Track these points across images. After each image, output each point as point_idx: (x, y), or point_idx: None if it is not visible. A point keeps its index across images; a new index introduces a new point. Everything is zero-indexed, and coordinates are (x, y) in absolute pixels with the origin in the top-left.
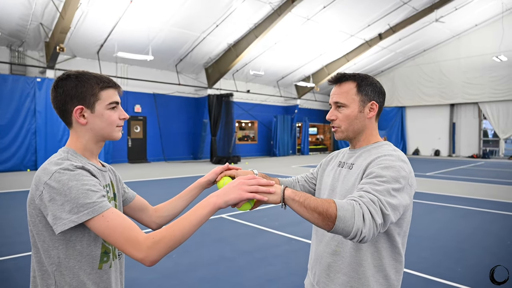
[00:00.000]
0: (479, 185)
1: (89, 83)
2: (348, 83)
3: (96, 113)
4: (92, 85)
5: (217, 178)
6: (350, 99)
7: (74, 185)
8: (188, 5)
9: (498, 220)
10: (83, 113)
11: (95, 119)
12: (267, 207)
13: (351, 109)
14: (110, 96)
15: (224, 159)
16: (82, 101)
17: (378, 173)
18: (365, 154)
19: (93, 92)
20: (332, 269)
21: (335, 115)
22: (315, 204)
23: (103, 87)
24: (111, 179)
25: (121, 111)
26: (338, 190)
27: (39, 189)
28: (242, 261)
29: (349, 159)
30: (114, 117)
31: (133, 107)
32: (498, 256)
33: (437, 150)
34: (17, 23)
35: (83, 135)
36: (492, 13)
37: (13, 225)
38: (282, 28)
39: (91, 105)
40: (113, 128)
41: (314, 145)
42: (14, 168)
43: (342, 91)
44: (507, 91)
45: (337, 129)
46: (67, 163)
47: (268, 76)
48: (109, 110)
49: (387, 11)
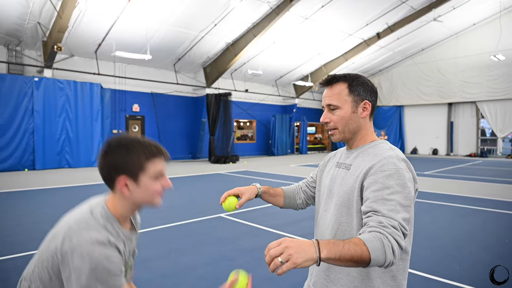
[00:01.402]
0: (477, 184)
1: (134, 153)
2: (339, 84)
3: (141, 184)
4: (139, 155)
5: (221, 198)
6: (342, 101)
7: (105, 265)
8: (186, 4)
9: (496, 218)
10: (127, 184)
11: (139, 190)
12: (267, 206)
13: (344, 110)
14: (156, 167)
15: (223, 158)
16: (127, 171)
17: (383, 184)
18: (362, 155)
19: (139, 163)
20: (332, 270)
21: (329, 118)
22: (350, 256)
23: (150, 157)
24: (135, 242)
25: (166, 180)
26: (335, 192)
27: (65, 249)
28: (242, 260)
29: (346, 160)
30: (158, 187)
31: (131, 106)
32: (496, 254)
33: (435, 149)
34: (15, 22)
35: (123, 203)
36: (490, 12)
37: (11, 224)
38: (280, 27)
39: (136, 177)
40: (154, 198)
41: (312, 144)
42: (12, 168)
43: (334, 93)
44: (505, 90)
45: (334, 131)
46: (105, 235)
47: (267, 76)
48: (153, 181)
49: (385, 10)
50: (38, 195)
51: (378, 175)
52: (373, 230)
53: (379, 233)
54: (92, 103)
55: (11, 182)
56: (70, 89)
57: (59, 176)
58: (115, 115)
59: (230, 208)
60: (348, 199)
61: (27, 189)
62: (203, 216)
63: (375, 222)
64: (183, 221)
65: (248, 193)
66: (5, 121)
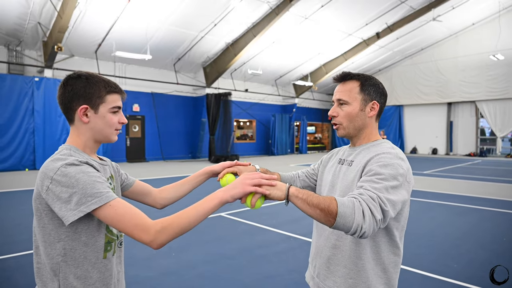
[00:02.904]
0: (476, 183)
1: (97, 86)
2: (352, 81)
3: (99, 114)
4: (100, 88)
5: (219, 175)
6: (352, 97)
7: (81, 177)
8: (186, 4)
9: (494, 217)
10: (87, 112)
11: (97, 119)
12: (267, 205)
13: (352, 106)
14: (114, 100)
15: (223, 158)
16: (88, 101)
17: (376, 171)
18: (364, 152)
19: (99, 95)
20: (332, 262)
21: (337, 112)
22: (317, 201)
23: (110, 91)
24: (111, 172)
25: (122, 116)
26: (338, 187)
27: (45, 184)
28: (242, 259)
29: (349, 156)
30: (115, 120)
31: (131, 106)
32: (494, 252)
33: (434, 148)
34: (15, 22)
35: (84, 133)
36: (489, 12)
37: (13, 224)
38: (280, 27)
39: (96, 106)
40: (111, 131)
41: (312, 144)
42: (13, 168)
43: (346, 89)
44: (504, 90)
45: (338, 126)
46: (72, 158)
47: (266, 75)
48: (111, 113)
49: (384, 10)
50: None
51: (374, 165)
52: (350, 197)
53: (353, 198)
54: None
55: (12, 182)
56: None
57: None
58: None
59: (227, 184)
60: (349, 193)
61: (28, 188)
62: None
63: (356, 194)
64: None
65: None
66: (6, 121)
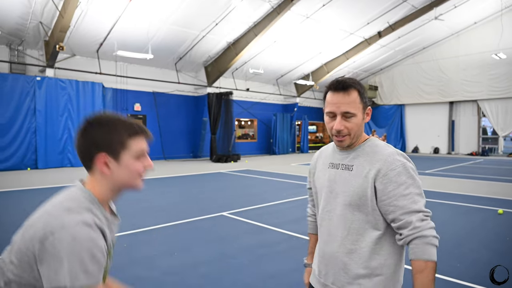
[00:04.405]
0: (478, 183)
1: (117, 130)
2: (353, 91)
3: (121, 163)
4: (121, 132)
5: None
6: (357, 108)
7: (90, 249)
8: (187, 4)
9: (497, 217)
10: (108, 162)
11: (120, 169)
12: (269, 204)
13: (358, 117)
14: (138, 145)
15: (224, 157)
16: (107, 149)
17: (397, 182)
18: (363, 155)
19: (120, 140)
20: (349, 267)
21: (344, 125)
22: (432, 280)
23: (132, 134)
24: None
25: (147, 159)
26: (339, 191)
27: (44, 233)
28: (244, 258)
29: (343, 160)
30: (139, 167)
31: (132, 105)
32: (497, 252)
33: (436, 147)
34: (17, 21)
35: (103, 184)
36: (491, 11)
37: (14, 223)
38: (281, 26)
39: (117, 155)
40: (135, 178)
41: (313, 143)
42: (14, 167)
43: (350, 100)
44: (506, 89)
45: (345, 137)
46: (90, 217)
47: (268, 75)
48: (135, 160)
49: (386, 9)
50: (41, 194)
51: (390, 175)
52: (413, 238)
53: (418, 239)
54: (94, 102)
55: (13, 181)
56: (72, 89)
57: (61, 175)
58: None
59: None
60: (359, 199)
61: (30, 188)
62: (205, 215)
63: (409, 230)
64: (185, 219)
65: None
66: (8, 121)
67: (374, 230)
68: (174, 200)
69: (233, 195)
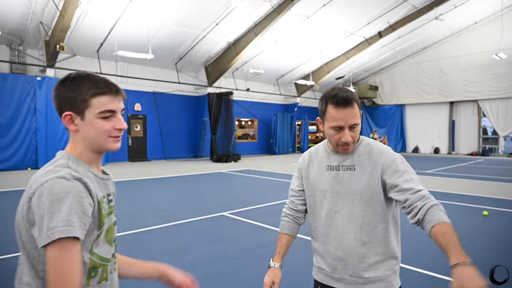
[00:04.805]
0: (479, 183)
1: (80, 88)
2: (355, 103)
3: (86, 121)
4: (83, 90)
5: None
6: (359, 118)
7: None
8: (187, 4)
9: (497, 216)
10: (73, 119)
11: (85, 127)
12: (269, 204)
13: (359, 125)
14: (102, 103)
15: (224, 157)
16: (72, 107)
17: (400, 170)
18: (363, 155)
19: (83, 98)
20: (366, 256)
21: (352, 137)
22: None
23: (96, 94)
24: (114, 190)
25: (118, 120)
26: (346, 191)
27: (28, 196)
28: (244, 258)
29: (343, 162)
30: (106, 127)
31: (133, 105)
32: (497, 252)
33: (436, 147)
34: (17, 22)
35: (78, 142)
36: (491, 11)
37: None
38: (281, 26)
39: (81, 112)
40: (105, 138)
41: (313, 143)
42: (15, 167)
43: (355, 113)
44: (506, 89)
45: (350, 145)
46: (66, 171)
47: (268, 74)
48: (100, 119)
49: (386, 9)
50: None
51: (393, 167)
52: (426, 203)
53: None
54: None
55: (14, 181)
56: None
57: None
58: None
59: None
60: (367, 195)
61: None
62: (206, 215)
63: (420, 198)
64: (185, 219)
65: (279, 277)
66: (8, 121)
67: (383, 221)
68: (174, 200)
69: (233, 195)
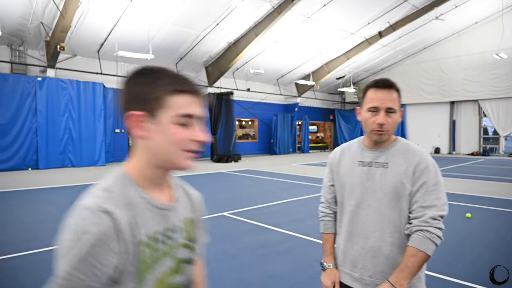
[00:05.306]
0: (479, 182)
1: (154, 83)
2: (395, 91)
3: (158, 125)
4: (158, 85)
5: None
6: (398, 106)
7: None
8: (188, 4)
9: (498, 216)
10: (141, 122)
11: (156, 134)
12: (270, 204)
13: (397, 115)
14: (181, 105)
15: (225, 157)
16: (141, 105)
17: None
18: (398, 153)
19: (156, 96)
20: (390, 256)
21: (386, 120)
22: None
23: (174, 91)
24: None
25: (196, 129)
26: (376, 188)
27: None
28: (244, 258)
29: (377, 158)
30: (181, 136)
31: None
32: (498, 252)
33: (437, 147)
34: (18, 22)
35: (142, 154)
36: (492, 11)
37: (16, 223)
38: (282, 26)
39: (153, 113)
40: (176, 151)
41: (314, 143)
42: (16, 167)
43: (393, 98)
44: (507, 89)
45: (384, 133)
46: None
47: (268, 75)
48: (175, 124)
49: (387, 9)
50: (42, 194)
51: (423, 171)
52: (419, 229)
53: (423, 232)
54: (95, 102)
55: (15, 182)
56: (73, 89)
57: (62, 175)
58: (118, 114)
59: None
60: (398, 194)
61: (31, 188)
62: (206, 215)
63: (419, 221)
64: None
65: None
66: (9, 121)
67: (406, 221)
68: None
69: (234, 195)
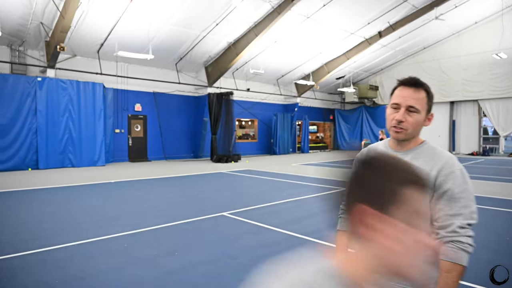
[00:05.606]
0: (479, 182)
1: None
2: (422, 90)
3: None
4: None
5: None
6: (422, 106)
7: None
8: (188, 4)
9: (498, 216)
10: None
11: None
12: (269, 205)
13: (421, 116)
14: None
15: (225, 157)
16: None
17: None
18: (423, 156)
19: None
20: None
21: (405, 118)
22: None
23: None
24: None
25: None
26: None
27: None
28: (244, 258)
29: None
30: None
31: (133, 106)
32: (498, 252)
33: None
34: (18, 22)
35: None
36: (492, 11)
37: (16, 223)
38: (282, 26)
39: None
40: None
41: (314, 143)
42: (16, 167)
43: (418, 97)
44: (507, 89)
45: (403, 131)
46: None
47: (268, 75)
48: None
49: (387, 9)
50: (42, 194)
51: (449, 176)
52: (449, 241)
53: (454, 243)
54: (95, 102)
55: (15, 182)
56: (73, 89)
57: (62, 175)
58: (118, 114)
59: None
60: None
61: (31, 188)
62: (206, 215)
63: (447, 232)
64: (186, 219)
65: None
66: (9, 121)
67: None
68: (174, 200)
69: (234, 195)
